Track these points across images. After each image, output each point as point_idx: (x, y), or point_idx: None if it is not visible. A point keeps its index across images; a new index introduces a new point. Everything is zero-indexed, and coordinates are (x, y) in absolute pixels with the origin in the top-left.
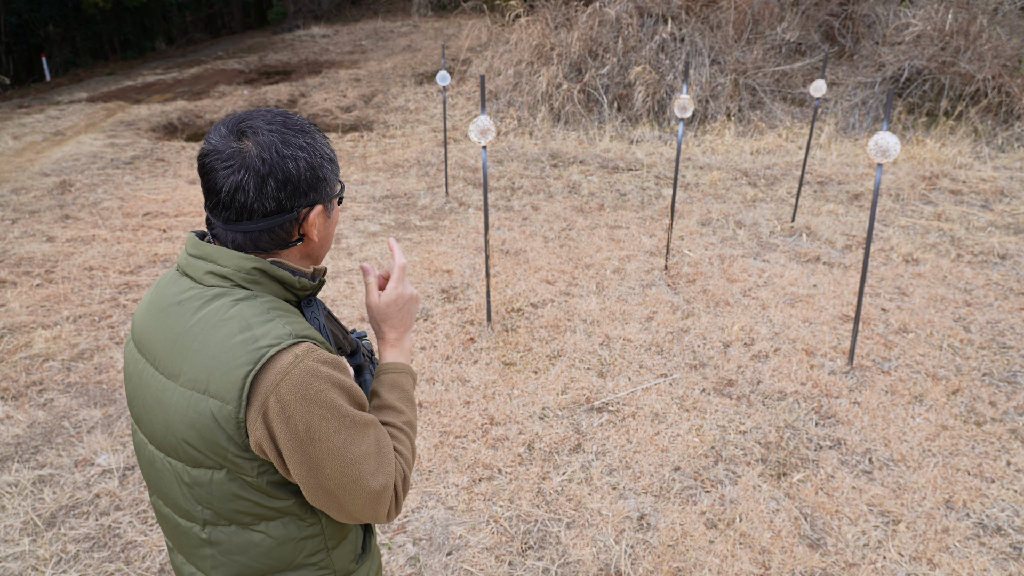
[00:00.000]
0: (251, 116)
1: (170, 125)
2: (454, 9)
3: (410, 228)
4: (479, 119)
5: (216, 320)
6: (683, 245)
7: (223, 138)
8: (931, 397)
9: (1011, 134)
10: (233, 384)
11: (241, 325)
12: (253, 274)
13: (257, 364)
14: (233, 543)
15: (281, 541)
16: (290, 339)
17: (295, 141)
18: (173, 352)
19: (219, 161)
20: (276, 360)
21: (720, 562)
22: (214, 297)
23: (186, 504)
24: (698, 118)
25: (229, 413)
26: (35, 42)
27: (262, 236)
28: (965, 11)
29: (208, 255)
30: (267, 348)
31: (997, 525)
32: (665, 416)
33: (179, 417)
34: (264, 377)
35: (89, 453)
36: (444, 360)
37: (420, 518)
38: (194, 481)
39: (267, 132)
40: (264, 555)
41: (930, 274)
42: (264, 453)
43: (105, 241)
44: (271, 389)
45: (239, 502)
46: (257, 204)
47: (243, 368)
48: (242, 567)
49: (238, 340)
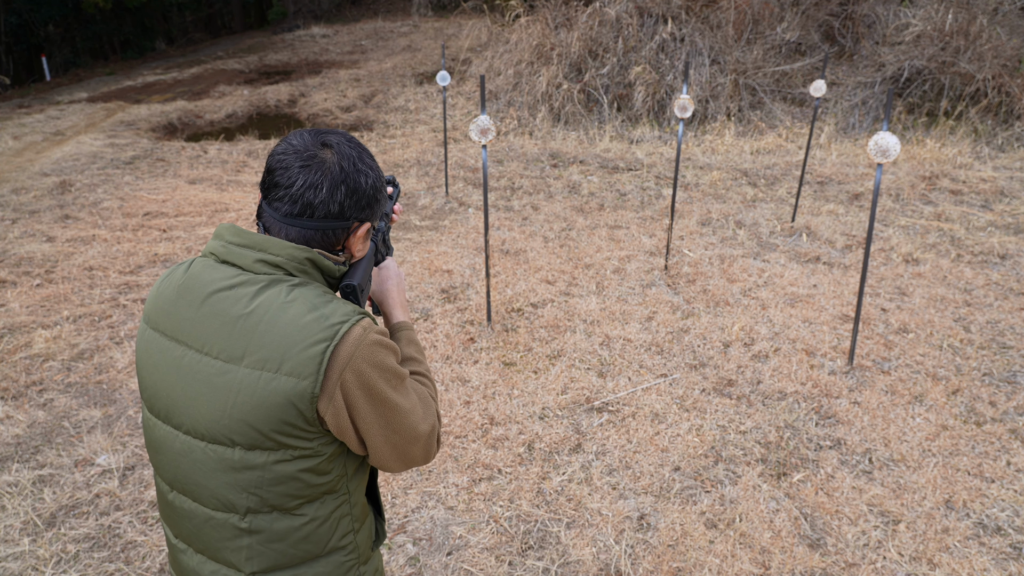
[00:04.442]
0: (333, 132)
1: (170, 125)
2: (454, 9)
3: (410, 228)
4: (479, 119)
5: (280, 303)
6: (683, 245)
7: (305, 143)
8: (931, 397)
9: (1011, 134)
10: (311, 360)
11: (308, 306)
12: (304, 264)
13: (334, 339)
14: (274, 530)
15: (320, 521)
16: (356, 315)
17: (368, 161)
18: (232, 335)
19: (298, 160)
20: (349, 334)
21: (720, 562)
22: (270, 283)
23: (228, 493)
24: (698, 118)
25: (305, 389)
26: (35, 42)
27: (315, 236)
28: (965, 11)
29: (257, 244)
30: (339, 324)
31: (997, 525)
32: (665, 416)
33: (244, 398)
34: (340, 350)
35: (89, 453)
36: (444, 360)
37: (420, 518)
38: (246, 465)
39: (348, 147)
40: (303, 540)
41: (930, 274)
42: (338, 426)
43: (105, 241)
44: (347, 360)
45: (289, 484)
46: (323, 205)
47: (321, 344)
48: (279, 555)
49: (309, 319)
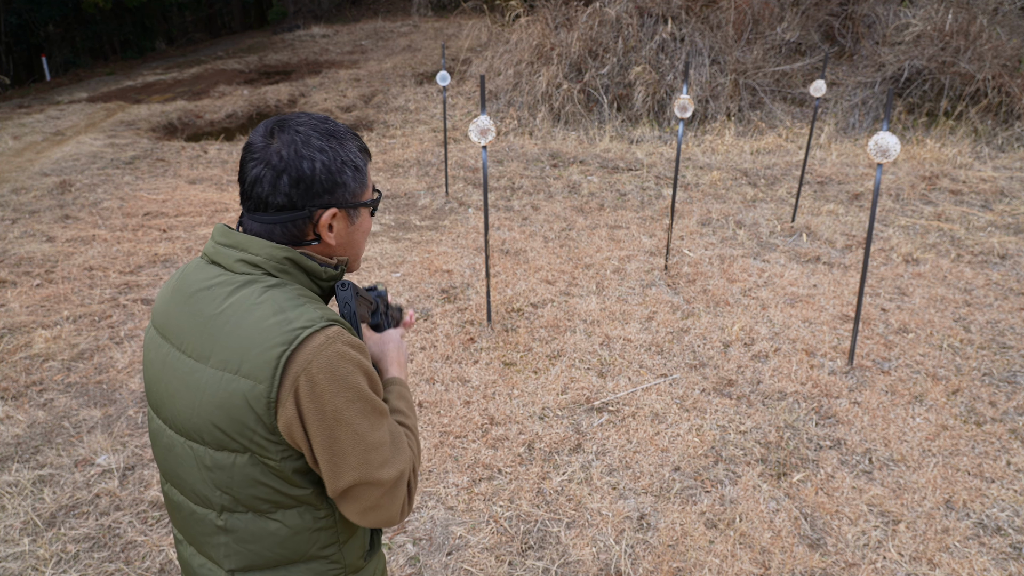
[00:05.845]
0: (289, 117)
1: (170, 125)
2: (454, 9)
3: (410, 228)
4: (479, 119)
5: (249, 304)
6: (683, 245)
7: (259, 133)
8: (931, 397)
9: (1011, 134)
10: (267, 363)
11: (274, 308)
12: (284, 263)
13: (291, 344)
14: (249, 531)
15: (296, 531)
16: (322, 321)
17: (317, 143)
18: (203, 335)
19: (249, 153)
20: (309, 341)
21: (720, 562)
22: (245, 283)
23: (204, 490)
24: (698, 118)
25: (260, 393)
26: (35, 42)
27: (275, 229)
28: (965, 11)
29: (239, 243)
30: (301, 329)
31: (997, 525)
32: (665, 416)
33: (208, 398)
34: (297, 357)
35: (89, 453)
36: (444, 360)
37: (420, 518)
38: (216, 464)
39: (294, 132)
40: (278, 544)
41: (930, 274)
42: (292, 436)
43: (105, 241)
44: (303, 368)
45: (259, 488)
46: (271, 198)
47: (278, 348)
48: (255, 556)
49: (272, 322)
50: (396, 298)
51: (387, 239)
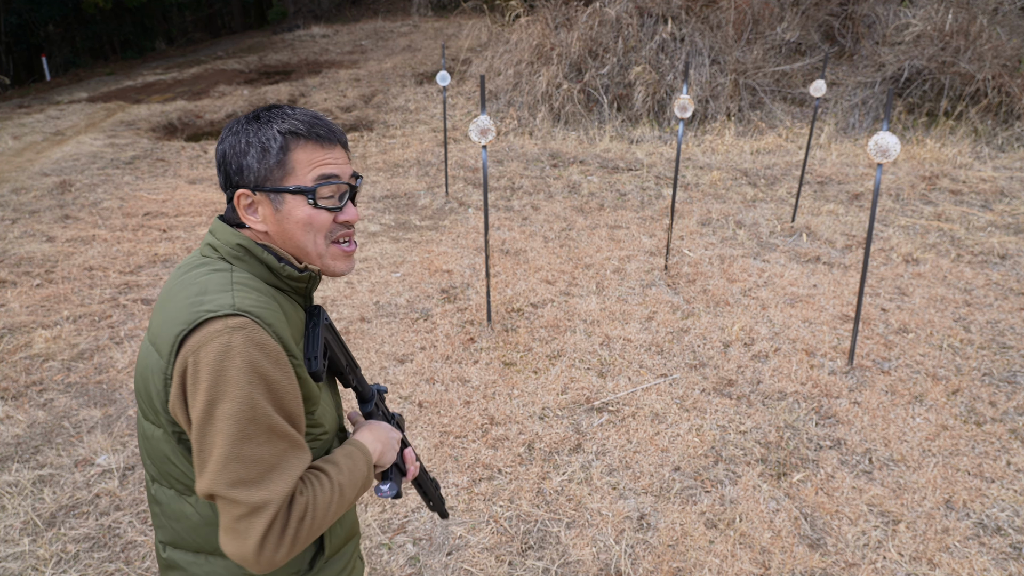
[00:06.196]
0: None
1: (170, 125)
2: (454, 9)
3: (410, 228)
4: (479, 119)
5: (186, 283)
6: (683, 245)
7: None
8: (931, 397)
9: (1011, 134)
10: (168, 340)
11: (199, 289)
12: (237, 250)
13: (191, 325)
14: (171, 507)
15: (207, 521)
16: (230, 309)
17: (235, 127)
18: (154, 315)
19: None
20: (207, 324)
21: (720, 562)
22: (198, 265)
23: (144, 457)
24: (698, 118)
25: (161, 368)
26: (35, 42)
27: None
28: (965, 11)
29: (213, 230)
30: (205, 312)
31: (997, 525)
32: (665, 416)
33: (141, 369)
34: (191, 338)
35: (89, 453)
36: (444, 360)
37: (420, 518)
38: (144, 434)
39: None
40: (192, 530)
41: (930, 274)
42: (177, 417)
43: (105, 241)
44: (192, 350)
45: (170, 465)
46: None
47: (180, 326)
48: (176, 535)
49: (189, 302)
50: (396, 298)
51: (387, 239)
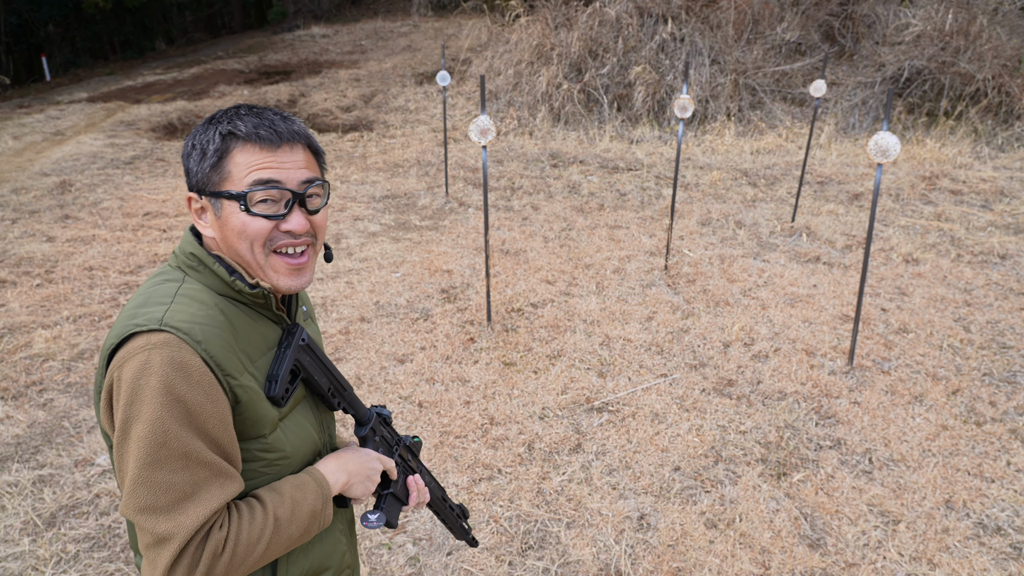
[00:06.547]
0: None
1: (170, 125)
2: (454, 9)
3: (410, 228)
4: (479, 119)
5: (139, 293)
6: (683, 245)
7: None
8: (931, 397)
9: (1011, 134)
10: (104, 353)
11: (140, 301)
12: (191, 259)
13: (119, 338)
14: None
15: None
16: (155, 324)
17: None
18: None
19: None
20: (132, 340)
21: (720, 562)
22: (158, 274)
23: None
24: (698, 118)
25: (98, 381)
26: (35, 42)
27: None
28: (965, 11)
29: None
30: (134, 326)
31: (997, 525)
32: (665, 416)
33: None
34: (118, 353)
35: (89, 453)
36: (444, 360)
37: (420, 518)
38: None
39: None
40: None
41: (930, 274)
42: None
43: (105, 241)
44: (116, 366)
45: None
46: None
47: (111, 339)
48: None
49: (128, 314)
50: (396, 298)
51: (387, 239)
